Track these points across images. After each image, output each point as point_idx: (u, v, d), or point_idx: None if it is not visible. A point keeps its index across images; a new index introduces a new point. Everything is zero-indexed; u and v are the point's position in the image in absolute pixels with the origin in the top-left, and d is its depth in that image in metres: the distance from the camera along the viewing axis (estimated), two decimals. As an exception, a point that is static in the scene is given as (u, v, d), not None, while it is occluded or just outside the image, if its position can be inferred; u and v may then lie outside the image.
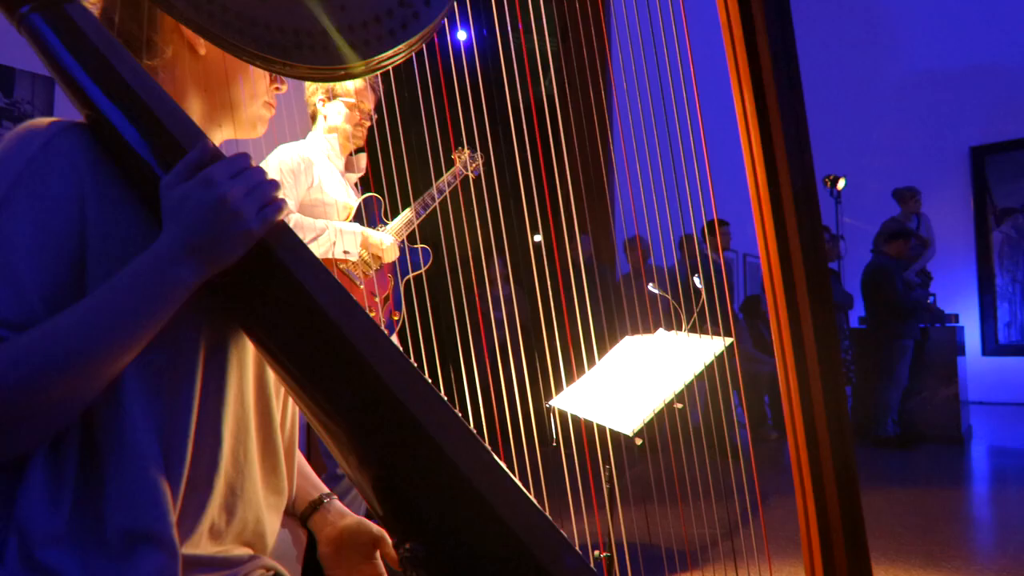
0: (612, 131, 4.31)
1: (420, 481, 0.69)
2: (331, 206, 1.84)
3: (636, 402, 1.35)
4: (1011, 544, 2.81)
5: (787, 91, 0.96)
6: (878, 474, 4.00)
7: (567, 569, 0.69)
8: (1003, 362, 6.89)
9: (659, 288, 1.54)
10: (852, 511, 0.90)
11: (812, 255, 0.94)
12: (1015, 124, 6.90)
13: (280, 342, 0.70)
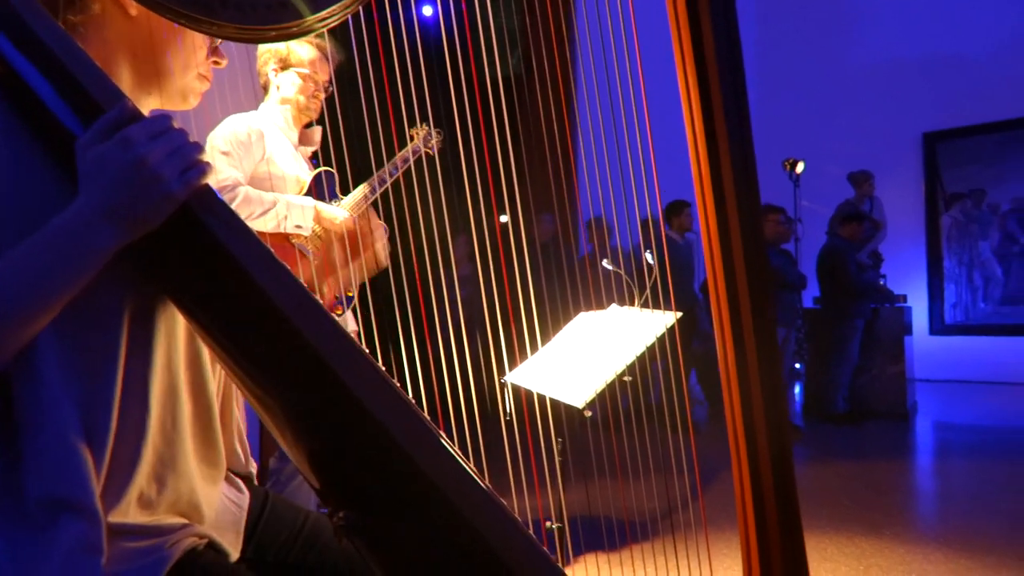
0: (578, 112, 4.30)
1: (352, 450, 0.68)
2: (283, 179, 1.80)
3: (587, 376, 1.37)
4: (951, 514, 2.96)
5: (729, 74, 0.97)
6: (828, 448, 4.15)
7: (504, 535, 0.70)
8: (948, 341, 7.18)
9: (613, 265, 1.56)
10: (785, 482, 0.93)
11: (751, 240, 0.96)
12: (965, 112, 7.12)
13: (207, 311, 0.69)
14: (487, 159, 1.18)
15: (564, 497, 1.57)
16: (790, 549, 0.94)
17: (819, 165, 6.60)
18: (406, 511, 0.69)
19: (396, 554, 0.71)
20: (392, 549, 0.71)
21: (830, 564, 2.25)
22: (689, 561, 1.40)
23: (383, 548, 0.72)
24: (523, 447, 1.25)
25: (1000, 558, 2.27)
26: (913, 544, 2.44)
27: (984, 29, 7.04)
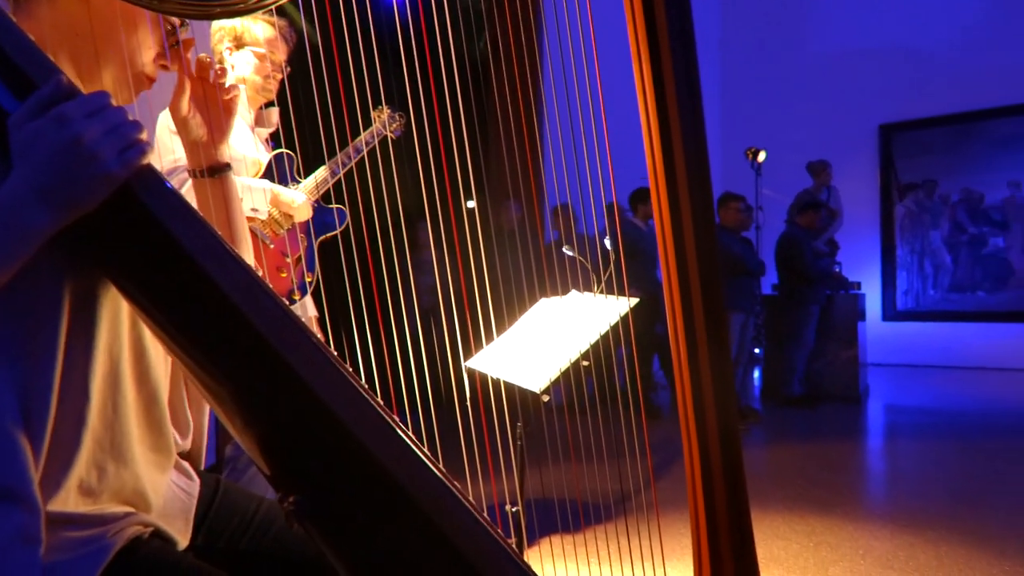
0: (544, 99, 4.29)
1: (300, 435, 0.68)
2: (239, 161, 1.75)
3: (545, 361, 1.38)
4: (899, 491, 3.08)
5: (682, 62, 0.98)
6: (784, 430, 4.28)
7: (453, 517, 0.70)
8: (900, 327, 7.44)
9: (572, 250, 1.57)
10: (733, 463, 0.96)
11: (703, 228, 0.97)
12: (919, 104, 7.33)
13: (150, 296, 0.67)
14: (454, 144, 1.17)
15: (523, 482, 1.58)
16: (737, 527, 0.97)
17: (780, 155, 6.74)
18: (356, 495, 0.69)
19: (348, 539, 0.72)
20: (344, 534, 0.71)
21: (782, 541, 2.32)
22: (640, 541, 1.43)
23: (335, 533, 0.72)
24: (481, 433, 1.26)
25: (941, 533, 2.38)
26: (861, 521, 2.54)
27: (938, 24, 7.24)
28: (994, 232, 7.10)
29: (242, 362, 0.70)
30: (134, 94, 0.80)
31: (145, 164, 0.65)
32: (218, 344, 0.70)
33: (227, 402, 0.71)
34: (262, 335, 0.69)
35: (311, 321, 1.90)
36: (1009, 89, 6.88)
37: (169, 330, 0.68)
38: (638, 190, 4.63)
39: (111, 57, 0.75)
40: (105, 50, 0.74)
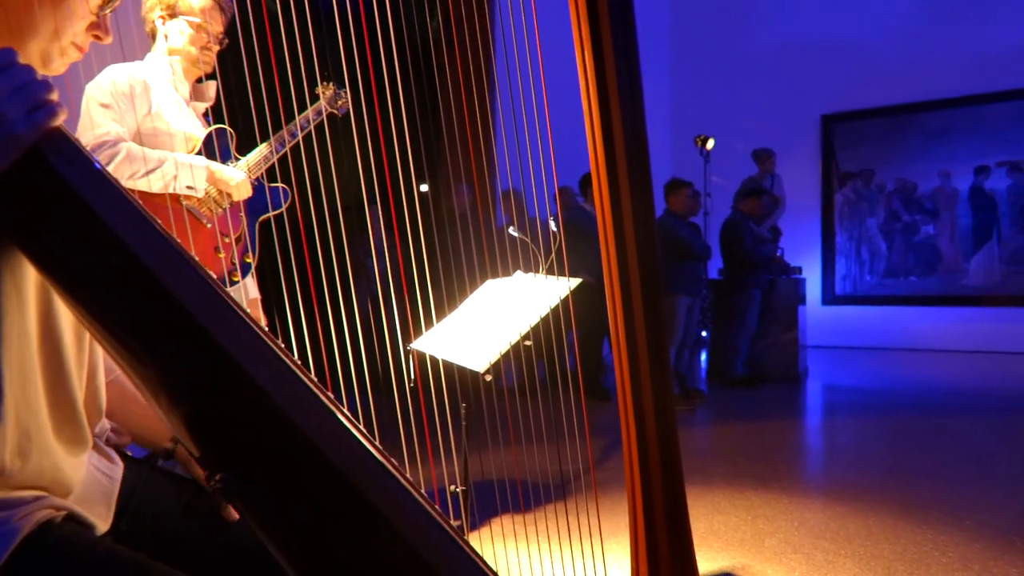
0: (498, 83, 4.26)
1: (227, 409, 0.66)
2: (173, 136, 1.68)
3: (489, 341, 1.38)
4: (834, 466, 3.22)
5: (624, 54, 0.99)
6: (727, 410, 4.41)
7: (388, 493, 0.69)
8: (838, 310, 7.75)
9: (518, 231, 1.57)
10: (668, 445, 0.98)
11: (641, 214, 0.99)
12: (859, 96, 7.59)
13: (65, 269, 0.64)
14: (406, 126, 1.15)
15: (469, 463, 1.59)
16: (672, 501, 0.99)
17: (727, 142, 6.89)
18: (285, 471, 0.68)
19: (278, 516, 0.70)
20: (273, 511, 0.70)
21: (722, 516, 2.40)
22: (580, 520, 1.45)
23: (264, 511, 0.70)
24: (428, 413, 1.25)
25: (871, 504, 2.50)
26: (797, 495, 2.65)
27: (877, 20, 7.50)
28: (925, 220, 7.45)
29: (165, 337, 0.67)
30: (64, 64, 0.76)
31: (57, 127, 0.61)
32: (139, 319, 0.67)
33: (151, 379, 0.68)
34: (186, 309, 0.66)
35: (252, 303, 1.84)
36: (941, 83, 7.20)
37: (87, 305, 0.65)
38: (587, 174, 4.67)
39: (40, 26, 0.71)
40: (33, 19, 0.70)
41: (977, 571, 1.94)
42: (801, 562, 2.02)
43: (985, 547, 2.11)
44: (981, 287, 7.17)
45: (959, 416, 4.15)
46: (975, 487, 2.71)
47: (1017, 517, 2.36)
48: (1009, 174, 7.06)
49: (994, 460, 3.17)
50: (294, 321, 1.02)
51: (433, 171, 1.80)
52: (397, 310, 1.35)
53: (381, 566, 0.71)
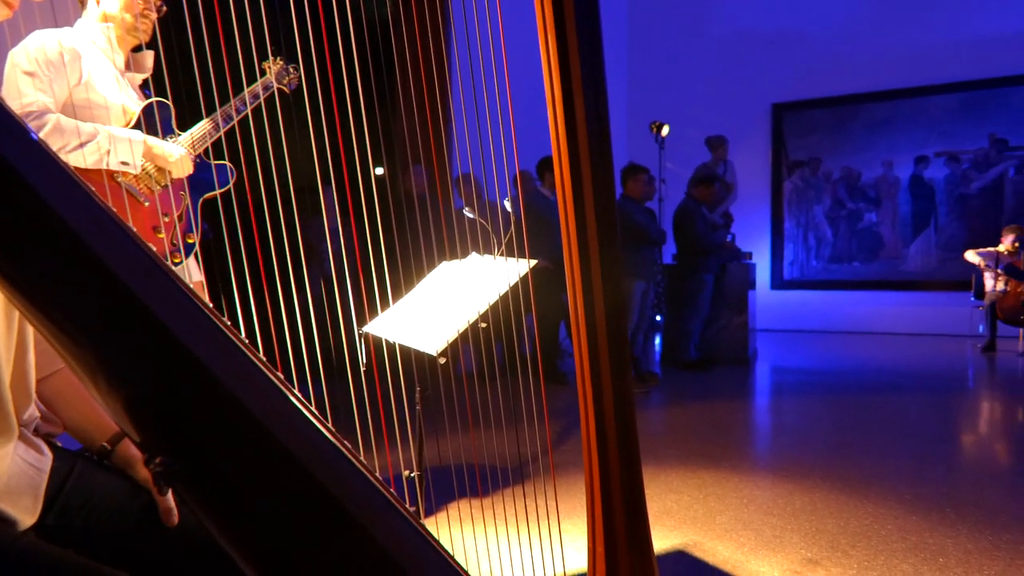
0: (459, 63, 4.19)
1: (168, 388, 0.62)
2: (106, 109, 1.58)
3: (442, 323, 1.35)
4: (779, 445, 3.33)
5: (587, 38, 0.97)
6: (680, 392, 4.50)
7: (339, 474, 0.67)
8: (786, 295, 8.00)
9: (474, 212, 1.54)
10: (626, 426, 0.98)
11: (602, 198, 0.98)
12: (808, 86, 7.79)
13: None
14: (363, 105, 1.10)
15: (422, 448, 1.56)
16: (629, 483, 0.99)
17: (681, 129, 6.98)
18: (231, 451, 0.65)
19: (223, 499, 0.67)
20: (219, 494, 0.67)
21: (675, 495, 2.45)
22: (537, 502, 1.45)
23: (209, 494, 0.67)
24: (383, 398, 1.22)
25: (816, 481, 2.59)
26: (746, 473, 2.72)
27: (825, 11, 7.69)
28: (868, 208, 7.72)
29: (100, 312, 0.63)
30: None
31: None
32: (72, 293, 0.62)
33: (87, 360, 0.64)
34: (122, 282, 0.62)
35: (196, 287, 1.77)
36: (885, 75, 7.45)
37: (14, 278, 0.60)
38: (545, 159, 4.65)
39: None
40: None
41: (914, 542, 2.03)
42: (750, 538, 2.07)
43: (921, 518, 2.21)
44: (919, 272, 7.50)
45: (898, 395, 4.34)
46: (912, 462, 2.84)
47: (950, 490, 2.48)
48: (946, 164, 7.38)
49: (929, 437, 3.33)
50: (243, 304, 0.98)
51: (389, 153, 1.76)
52: (351, 293, 1.31)
53: (334, 548, 0.68)
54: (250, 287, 0.98)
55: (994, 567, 1.86)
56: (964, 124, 7.25)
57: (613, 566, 0.99)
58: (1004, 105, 7.08)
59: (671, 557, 1.96)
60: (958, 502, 2.35)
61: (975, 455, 3.09)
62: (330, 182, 1.15)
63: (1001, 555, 1.93)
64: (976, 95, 7.18)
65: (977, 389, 4.71)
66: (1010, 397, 4.40)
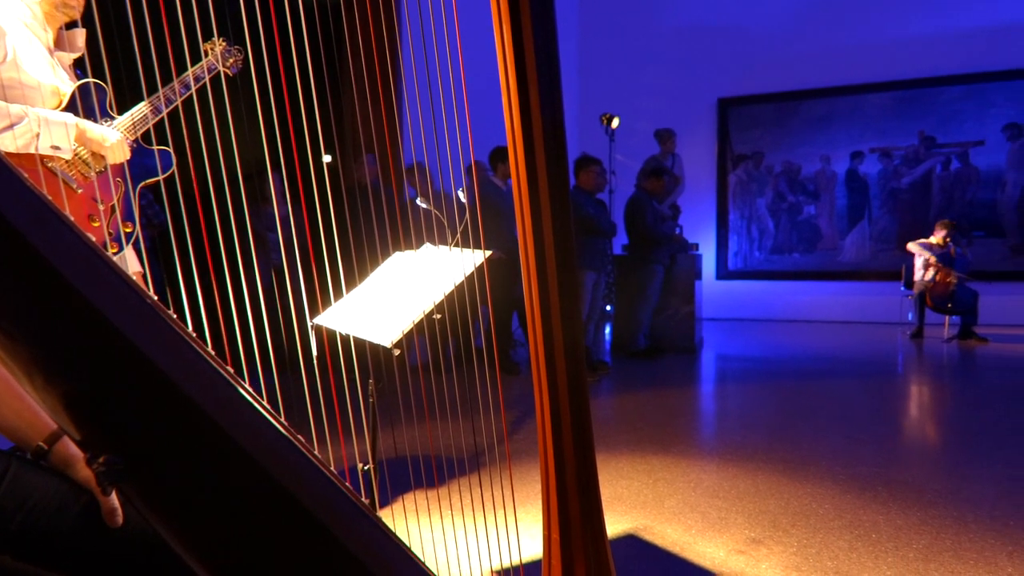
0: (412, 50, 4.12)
1: (109, 383, 0.60)
2: (34, 89, 1.49)
3: (396, 315, 1.34)
4: (726, 429, 3.44)
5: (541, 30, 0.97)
6: (630, 380, 4.60)
7: (292, 469, 0.66)
8: (730, 285, 8.25)
9: (427, 203, 1.53)
10: (580, 414, 0.99)
11: (557, 188, 0.99)
12: (751, 82, 8.02)
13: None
14: (313, 90, 1.07)
15: (376, 440, 1.55)
16: (583, 470, 1.01)
17: (631, 122, 7.08)
18: (178, 447, 0.63)
19: (172, 497, 0.65)
20: (167, 491, 0.65)
21: (626, 481, 2.51)
22: (494, 491, 1.46)
23: (156, 492, 0.65)
24: (332, 393, 1.20)
25: (759, 463, 2.70)
26: (693, 457, 2.80)
27: (768, 8, 7.91)
28: (807, 201, 8.03)
29: (33, 303, 0.59)
30: None
31: None
32: (5, 286, 0.59)
33: (21, 355, 0.60)
34: (60, 272, 0.59)
35: (136, 278, 1.69)
36: (824, 73, 7.73)
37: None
38: (497, 149, 4.64)
39: None
40: None
41: (849, 519, 2.13)
42: (697, 520, 2.14)
43: (855, 497, 2.32)
44: (854, 263, 7.85)
45: (834, 380, 4.55)
46: (847, 444, 2.98)
47: (881, 469, 2.62)
48: (880, 160, 7.73)
49: (863, 419, 3.50)
50: (189, 296, 0.94)
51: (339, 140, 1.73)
52: (295, 285, 1.28)
53: (287, 544, 0.67)
54: (196, 278, 0.95)
55: (922, 540, 1.97)
56: (897, 122, 7.61)
57: (568, 551, 1.01)
58: (933, 104, 7.46)
59: (623, 541, 2.00)
60: (889, 481, 2.49)
61: (904, 436, 3.27)
62: (279, 169, 1.12)
63: (928, 529, 2.05)
64: (908, 94, 7.54)
65: (906, 374, 4.98)
66: (936, 381, 4.67)
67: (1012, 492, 2.35)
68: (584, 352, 1.05)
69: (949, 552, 1.89)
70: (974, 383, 4.53)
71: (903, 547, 1.93)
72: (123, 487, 0.64)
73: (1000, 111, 7.22)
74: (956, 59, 7.27)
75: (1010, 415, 3.53)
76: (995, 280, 6.93)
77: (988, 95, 7.24)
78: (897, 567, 1.81)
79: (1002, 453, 2.81)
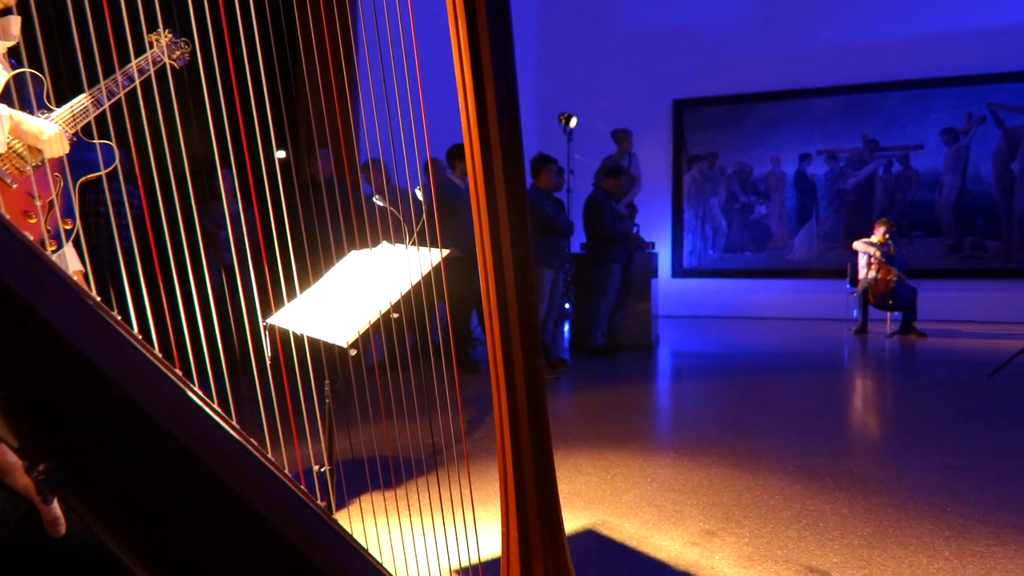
0: (367, 45, 4.06)
1: (48, 390, 0.57)
2: (-36, 79, 1.42)
3: (352, 314, 1.32)
4: (679, 425, 3.51)
5: (497, 28, 0.97)
6: (588, 378, 4.64)
7: (244, 471, 0.64)
8: (685, 283, 8.42)
9: (384, 200, 1.51)
10: (538, 412, 1.00)
11: (514, 187, 0.99)
12: (706, 83, 8.19)
13: None
14: (266, 85, 1.04)
15: (333, 442, 1.52)
16: (541, 467, 1.01)
17: (588, 122, 7.14)
18: (124, 452, 0.60)
19: (119, 505, 0.62)
20: (113, 500, 0.62)
21: (584, 477, 2.53)
22: (451, 490, 1.46)
23: (101, 500, 0.62)
24: (287, 394, 1.18)
25: (712, 457, 2.76)
26: (650, 453, 2.85)
27: (722, 11, 8.10)
28: (759, 201, 8.25)
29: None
30: None
31: None
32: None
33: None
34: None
35: (77, 276, 1.62)
36: (774, 77, 7.96)
37: None
38: (455, 146, 4.62)
39: None
40: None
41: (798, 509, 2.21)
42: (654, 514, 2.18)
43: (804, 488, 2.40)
44: (802, 261, 8.11)
45: (784, 375, 4.69)
46: (796, 436, 3.08)
47: (828, 460, 2.72)
48: (827, 162, 8.00)
49: (811, 412, 3.63)
50: (134, 296, 0.91)
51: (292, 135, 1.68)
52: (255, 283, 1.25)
53: (242, 549, 0.66)
54: (143, 278, 0.92)
55: (866, 528, 2.05)
56: (842, 125, 7.89)
57: (526, 548, 1.02)
58: (877, 109, 7.76)
59: (581, 536, 2.02)
60: (835, 471, 2.58)
61: (849, 428, 3.40)
62: (229, 165, 1.09)
63: (872, 517, 2.14)
64: (853, 99, 7.82)
65: (851, 368, 5.18)
66: (878, 375, 4.86)
67: (949, 480, 2.47)
68: (541, 351, 1.06)
69: (891, 539, 1.97)
70: (914, 377, 4.74)
71: (848, 535, 2.01)
72: (65, 495, 0.61)
73: (938, 116, 7.56)
74: (898, 66, 7.58)
75: (947, 407, 3.71)
76: (933, 278, 7.26)
77: (927, 101, 7.58)
78: (843, 554, 1.87)
79: (940, 443, 2.95)
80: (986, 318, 7.43)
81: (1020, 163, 7.35)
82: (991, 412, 3.52)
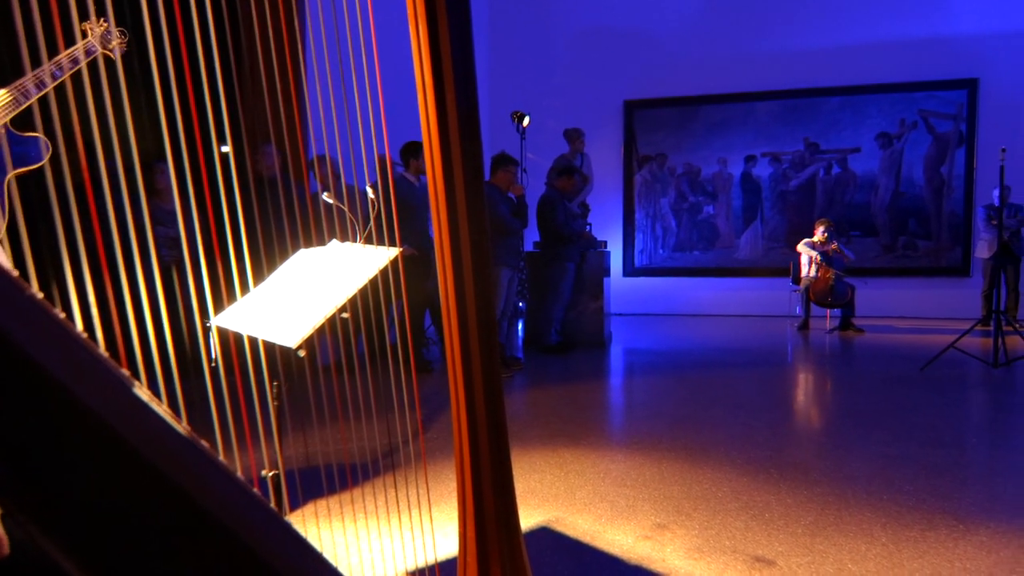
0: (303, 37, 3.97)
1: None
2: None
3: (301, 315, 1.29)
4: (633, 420, 3.56)
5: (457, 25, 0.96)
6: (542, 376, 4.67)
7: (189, 467, 0.62)
8: (636, 281, 8.56)
9: (332, 198, 1.48)
10: (495, 411, 1.00)
11: (472, 184, 0.98)
12: (656, 85, 8.35)
13: None
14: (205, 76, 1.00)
15: (282, 444, 1.49)
16: (499, 466, 1.01)
17: (540, 121, 7.18)
18: (71, 462, 0.57)
19: (66, 517, 0.59)
20: (59, 512, 0.59)
21: (538, 475, 2.55)
22: (408, 491, 1.44)
23: (47, 513, 0.58)
24: (235, 398, 1.14)
25: (664, 452, 2.82)
26: (603, 449, 2.89)
27: (671, 14, 8.26)
28: (707, 201, 8.46)
29: None
30: None
31: None
32: None
33: None
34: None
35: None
36: (721, 80, 8.16)
37: None
38: (409, 144, 4.57)
39: None
40: None
41: (745, 501, 2.27)
42: (607, 509, 2.21)
43: (751, 480, 2.48)
44: (748, 260, 8.36)
45: (731, 371, 4.82)
46: (743, 430, 3.18)
47: (773, 453, 2.81)
48: (771, 163, 8.27)
49: (756, 406, 3.74)
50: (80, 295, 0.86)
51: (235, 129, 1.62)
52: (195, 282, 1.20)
53: (196, 555, 0.63)
54: (88, 277, 0.87)
55: (808, 517, 2.13)
56: (785, 128, 8.16)
57: (483, 547, 1.01)
58: (816, 113, 8.06)
59: (536, 533, 2.03)
60: (780, 463, 2.67)
61: (793, 421, 3.52)
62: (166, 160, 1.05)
63: (813, 506, 2.22)
64: (794, 103, 8.10)
65: (794, 363, 5.36)
66: (819, 369, 5.06)
67: (885, 469, 2.59)
68: (498, 350, 1.05)
69: (832, 527, 2.05)
70: (852, 370, 4.95)
71: (792, 524, 2.08)
72: (9, 511, 0.57)
73: (874, 121, 7.91)
74: (836, 72, 7.89)
75: (883, 399, 3.88)
76: (869, 275, 7.59)
77: (863, 106, 7.91)
78: (787, 543, 1.94)
79: (877, 434, 3.09)
80: (918, 314, 7.82)
81: (948, 167, 7.76)
82: (924, 404, 3.70)
